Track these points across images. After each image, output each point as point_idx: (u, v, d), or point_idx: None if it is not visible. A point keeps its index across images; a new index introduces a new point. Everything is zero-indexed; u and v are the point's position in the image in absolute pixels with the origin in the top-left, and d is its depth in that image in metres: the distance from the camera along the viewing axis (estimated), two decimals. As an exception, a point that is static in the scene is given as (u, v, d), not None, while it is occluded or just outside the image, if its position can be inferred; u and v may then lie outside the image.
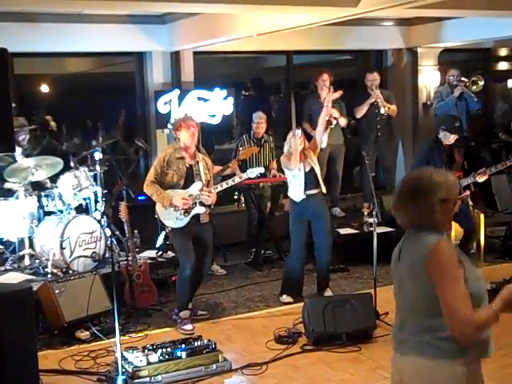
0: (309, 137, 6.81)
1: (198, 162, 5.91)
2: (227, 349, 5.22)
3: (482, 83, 8.88)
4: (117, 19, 7.71)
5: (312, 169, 6.30)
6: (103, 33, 7.75)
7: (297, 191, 6.29)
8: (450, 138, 6.76)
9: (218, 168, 7.17)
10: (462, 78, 8.92)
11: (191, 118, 6.11)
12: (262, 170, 6.41)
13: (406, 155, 9.78)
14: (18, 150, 6.75)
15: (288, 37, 7.75)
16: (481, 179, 6.80)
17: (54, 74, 10.11)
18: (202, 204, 5.86)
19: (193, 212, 5.84)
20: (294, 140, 6.20)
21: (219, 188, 6.03)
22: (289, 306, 6.31)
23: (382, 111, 8.54)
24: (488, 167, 6.97)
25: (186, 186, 5.83)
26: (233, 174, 6.88)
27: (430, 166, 6.61)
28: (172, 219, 5.84)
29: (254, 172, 6.21)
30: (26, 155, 6.92)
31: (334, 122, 8.27)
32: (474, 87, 8.82)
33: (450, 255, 2.51)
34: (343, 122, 8.43)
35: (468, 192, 6.73)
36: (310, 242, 6.52)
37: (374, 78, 8.61)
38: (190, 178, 5.85)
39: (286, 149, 6.37)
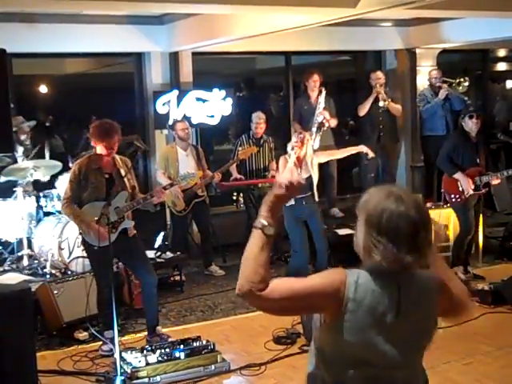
0: None
1: (118, 170, 5.23)
2: (226, 349, 5.22)
3: (466, 84, 8.97)
4: (116, 20, 7.71)
5: (309, 177, 6.34)
6: (102, 33, 7.75)
7: None
8: (470, 124, 6.68)
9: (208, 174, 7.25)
10: (445, 79, 8.98)
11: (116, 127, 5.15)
12: (194, 174, 5.99)
13: (406, 155, 9.78)
14: (20, 150, 6.75)
15: (287, 37, 7.74)
16: (495, 182, 6.86)
17: (52, 74, 10.08)
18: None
19: (121, 226, 5.20)
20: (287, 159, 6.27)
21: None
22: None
23: (381, 104, 8.56)
24: (502, 171, 7.02)
25: (109, 198, 5.07)
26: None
27: (454, 158, 6.71)
28: (97, 237, 4.98)
29: (185, 178, 5.74)
30: (27, 156, 6.91)
31: (327, 125, 8.28)
32: (460, 88, 8.89)
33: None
34: (333, 123, 8.45)
35: (486, 189, 6.86)
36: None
37: (377, 77, 8.68)
38: (111, 189, 5.12)
39: (289, 150, 6.40)
